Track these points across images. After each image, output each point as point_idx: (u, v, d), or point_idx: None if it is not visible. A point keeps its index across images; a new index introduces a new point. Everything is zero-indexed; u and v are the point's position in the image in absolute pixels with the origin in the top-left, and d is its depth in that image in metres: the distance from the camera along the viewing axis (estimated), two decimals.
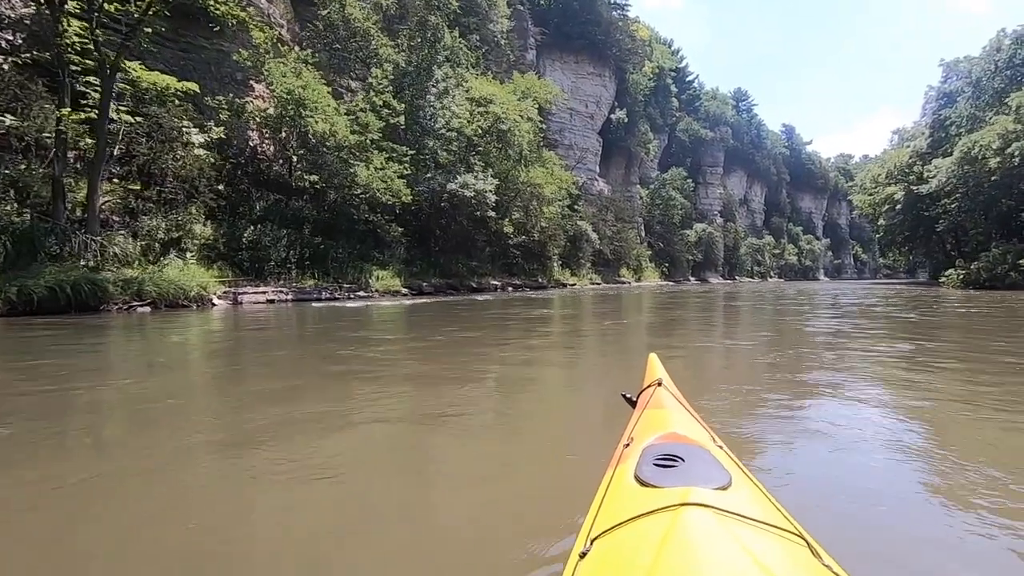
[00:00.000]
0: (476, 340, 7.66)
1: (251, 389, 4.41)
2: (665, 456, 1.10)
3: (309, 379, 4.79)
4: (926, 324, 10.30)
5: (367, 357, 6.02)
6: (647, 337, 8.67)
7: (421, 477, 2.46)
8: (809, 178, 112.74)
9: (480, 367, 5.36)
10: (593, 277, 45.82)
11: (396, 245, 23.07)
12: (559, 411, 3.79)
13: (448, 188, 22.40)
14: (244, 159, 18.25)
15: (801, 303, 18.39)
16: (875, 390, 4.14)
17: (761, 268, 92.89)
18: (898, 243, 59.66)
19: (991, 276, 23.64)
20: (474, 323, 10.57)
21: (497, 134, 27.09)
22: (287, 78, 16.62)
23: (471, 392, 4.10)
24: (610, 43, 56.38)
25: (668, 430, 1.31)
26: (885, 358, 5.78)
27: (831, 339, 7.59)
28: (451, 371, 5.03)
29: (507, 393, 4.23)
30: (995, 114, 30.08)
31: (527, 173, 30.59)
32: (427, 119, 23.49)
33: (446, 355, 6.12)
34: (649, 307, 17.97)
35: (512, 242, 32.60)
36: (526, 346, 6.94)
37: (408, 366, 5.45)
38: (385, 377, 4.75)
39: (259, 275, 16.31)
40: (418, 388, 4.26)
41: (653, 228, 65.29)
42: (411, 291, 21.94)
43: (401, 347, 7.05)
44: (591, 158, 57.51)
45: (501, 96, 26.83)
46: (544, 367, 5.54)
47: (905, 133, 53.89)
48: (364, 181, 18.22)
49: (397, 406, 3.66)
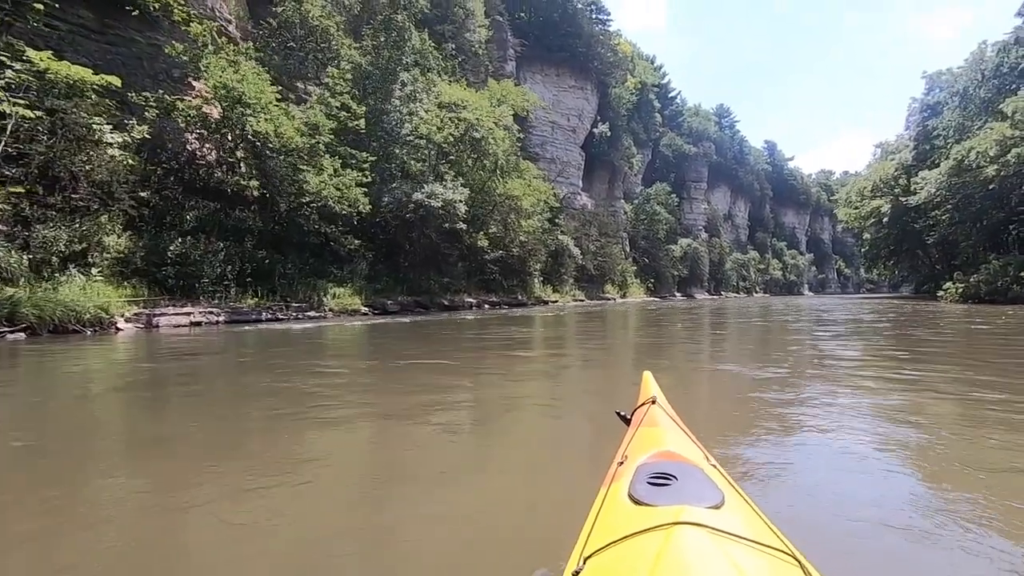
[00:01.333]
0: (441, 368, 6.49)
1: (111, 444, 3.36)
2: (659, 474, 1.09)
3: (207, 425, 3.73)
4: (942, 343, 8.97)
5: (302, 392, 4.88)
6: (635, 364, 7.38)
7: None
8: (792, 193, 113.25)
9: (443, 402, 4.46)
10: (576, 293, 44.16)
11: (358, 260, 21.13)
12: (540, 467, 2.97)
13: (414, 198, 20.60)
14: (179, 164, 16.29)
15: (798, 319, 16.78)
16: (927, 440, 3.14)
17: (747, 283, 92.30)
18: (883, 257, 59.17)
19: (992, 290, 22.35)
20: (441, 346, 9.29)
21: (470, 142, 25.45)
22: (224, 72, 14.78)
23: (432, 438, 3.32)
24: (591, 56, 55.66)
25: (662, 448, 1.31)
26: (927, 396, 4.52)
27: (852, 365, 6.51)
28: (409, 408, 4.15)
29: (479, 444, 3.38)
30: (983, 123, 29.33)
31: (504, 184, 28.97)
32: (392, 125, 21.78)
33: (404, 387, 5.14)
34: (636, 325, 16.36)
35: (489, 257, 30.81)
36: (501, 376, 5.92)
37: (354, 403, 4.49)
38: (323, 419, 3.82)
39: (188, 294, 14.27)
40: (366, 432, 3.55)
41: (638, 243, 64.08)
42: (373, 310, 19.96)
43: (349, 378, 5.91)
44: (574, 172, 56.33)
45: (474, 102, 25.26)
46: (522, 408, 4.45)
47: (888, 146, 53.62)
48: (314, 189, 16.33)
49: (332, 460, 2.90)
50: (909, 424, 3.42)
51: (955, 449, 2.89)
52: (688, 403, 4.06)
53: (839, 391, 4.69)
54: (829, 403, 4.13)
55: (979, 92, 31.76)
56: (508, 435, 3.57)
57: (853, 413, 3.78)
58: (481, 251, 29.97)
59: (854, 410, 3.89)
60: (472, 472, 2.76)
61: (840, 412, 3.80)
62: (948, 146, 32.75)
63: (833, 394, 4.54)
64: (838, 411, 3.83)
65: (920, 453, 2.83)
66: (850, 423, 3.45)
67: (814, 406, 4.03)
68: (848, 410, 3.88)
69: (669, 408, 1.65)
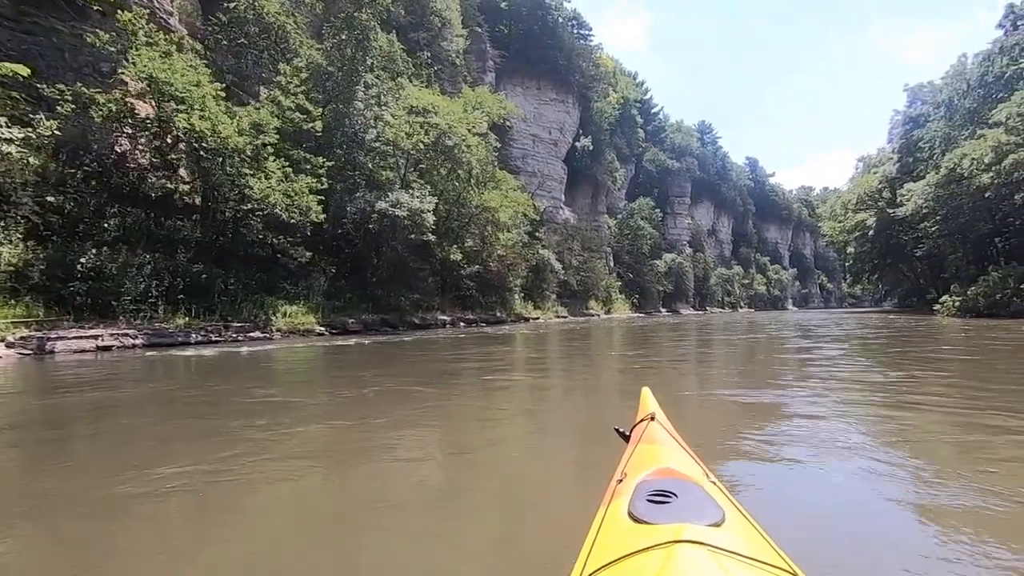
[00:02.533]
0: (403, 397, 5.53)
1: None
2: (658, 492, 1.09)
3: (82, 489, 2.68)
4: (966, 363, 7.56)
5: (225, 437, 3.85)
6: (622, 392, 6.17)
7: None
8: (774, 209, 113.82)
9: (404, 443, 3.64)
10: (559, 310, 42.55)
11: (316, 275, 19.32)
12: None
13: (377, 207, 18.92)
14: (104, 167, 14.44)
15: (793, 334, 15.33)
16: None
17: (731, 298, 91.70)
18: (867, 271, 58.77)
19: (992, 303, 21.22)
20: (402, 372, 8.12)
21: (443, 150, 23.93)
22: (152, 63, 13.05)
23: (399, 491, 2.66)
24: (572, 69, 54.97)
25: (661, 465, 1.29)
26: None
27: (874, 388, 5.60)
28: (364, 454, 3.33)
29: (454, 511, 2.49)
30: (970, 133, 28.72)
31: (480, 196, 27.44)
32: (356, 130, 20.17)
33: (357, 425, 4.24)
34: (622, 343, 14.78)
35: (465, 272, 29.15)
36: (473, 410, 5.01)
37: (284, 454, 3.42)
38: (247, 478, 2.86)
39: (102, 313, 12.33)
40: (308, 493, 2.73)
41: (622, 258, 62.95)
42: (331, 330, 18.09)
43: (291, 414, 4.77)
44: (556, 186, 55.21)
45: (446, 107, 23.81)
46: (497, 459, 3.43)
47: (871, 160, 53.53)
48: (258, 195, 14.55)
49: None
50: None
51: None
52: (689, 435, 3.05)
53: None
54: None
55: (964, 102, 31.27)
56: (485, 505, 2.68)
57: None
58: (456, 265, 28.29)
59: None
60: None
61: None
62: (934, 157, 32.14)
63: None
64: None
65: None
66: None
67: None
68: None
69: (668, 424, 1.62)
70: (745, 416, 4.31)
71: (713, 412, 4.64)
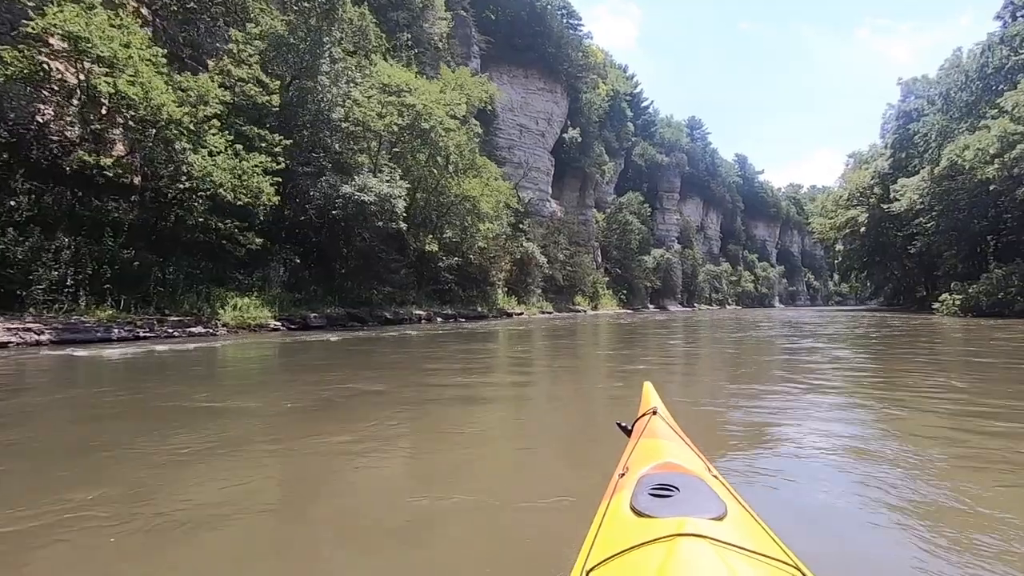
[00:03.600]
0: (366, 403, 4.89)
1: None
2: (661, 486, 1.08)
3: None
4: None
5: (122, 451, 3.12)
6: (613, 401, 5.29)
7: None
8: (762, 206, 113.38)
9: (364, 464, 3.04)
10: (544, 305, 41.16)
11: (275, 265, 17.68)
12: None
13: (342, 192, 17.29)
14: (22, 139, 12.66)
15: (789, 335, 14.05)
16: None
17: (719, 295, 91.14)
18: (856, 268, 58.20)
19: (995, 302, 20.15)
20: (363, 374, 7.08)
21: (418, 134, 22.33)
22: (68, 15, 11.29)
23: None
24: (561, 58, 53.39)
25: (663, 459, 1.29)
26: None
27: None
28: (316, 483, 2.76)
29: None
30: (968, 126, 27.74)
31: (459, 184, 25.88)
32: (322, 107, 18.50)
33: (305, 443, 3.45)
34: (609, 342, 13.47)
35: (443, 264, 27.62)
36: (442, 423, 4.21)
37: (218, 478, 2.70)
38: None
39: (6, 304, 10.65)
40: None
41: (610, 253, 61.73)
42: (289, 324, 16.50)
43: (219, 423, 3.97)
44: (543, 177, 53.71)
45: (422, 88, 22.15)
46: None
47: (861, 156, 52.74)
48: (199, 172, 12.87)
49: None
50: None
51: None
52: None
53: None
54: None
55: (961, 95, 30.30)
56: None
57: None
58: (433, 257, 26.75)
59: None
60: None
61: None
62: (930, 151, 31.20)
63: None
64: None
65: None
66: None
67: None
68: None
69: (670, 419, 1.62)
70: (745, 434, 3.72)
71: (708, 424, 4.00)
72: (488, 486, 2.69)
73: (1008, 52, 27.42)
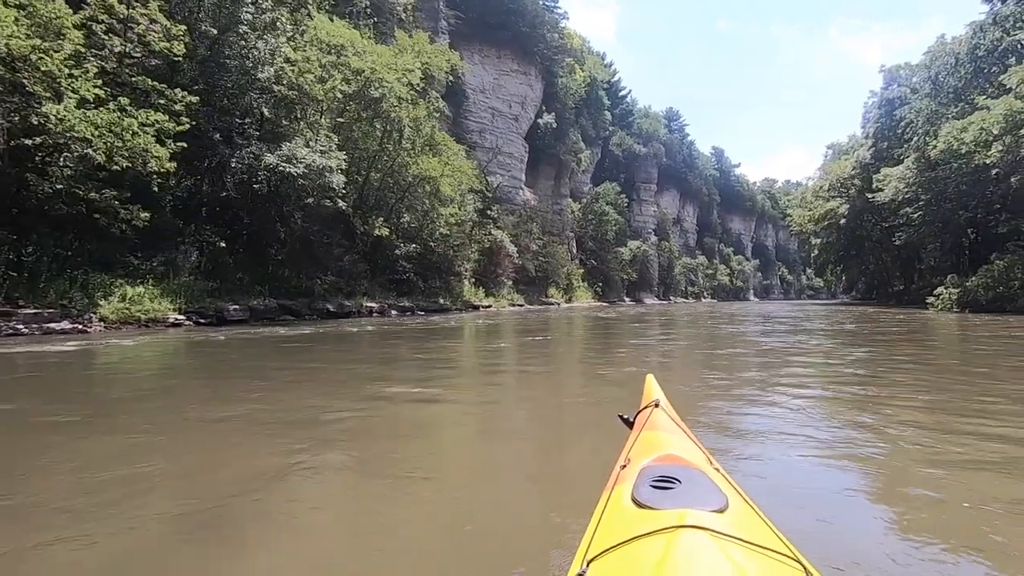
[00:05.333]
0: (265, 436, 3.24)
1: None
2: (662, 478, 1.08)
3: None
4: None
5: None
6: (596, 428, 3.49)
7: None
8: (738, 200, 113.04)
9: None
10: (515, 298, 38.88)
11: (186, 247, 14.95)
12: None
13: (265, 161, 14.62)
14: None
15: (773, 329, 12.02)
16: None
17: (695, 288, 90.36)
18: (832, 262, 57.49)
19: (996, 296, 18.61)
20: (262, 385, 5.23)
21: (367, 103, 19.68)
22: None
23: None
24: (536, 38, 50.83)
25: (665, 451, 1.29)
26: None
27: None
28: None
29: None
30: (959, 111, 26.33)
31: (416, 162, 23.30)
32: (245, 64, 15.72)
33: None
34: (584, 339, 11.27)
35: (400, 252, 25.06)
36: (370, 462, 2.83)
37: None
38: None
39: None
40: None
41: (586, 244, 59.77)
42: (198, 319, 13.83)
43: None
44: (516, 164, 51.25)
45: (369, 49, 19.44)
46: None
47: (840, 147, 51.82)
48: (57, 125, 10.11)
49: None
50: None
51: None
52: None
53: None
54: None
55: (950, 79, 28.92)
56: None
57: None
58: (389, 244, 24.17)
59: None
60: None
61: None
62: (916, 138, 29.81)
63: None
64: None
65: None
66: None
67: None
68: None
69: (672, 411, 1.61)
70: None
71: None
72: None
73: (1001, 34, 26.02)
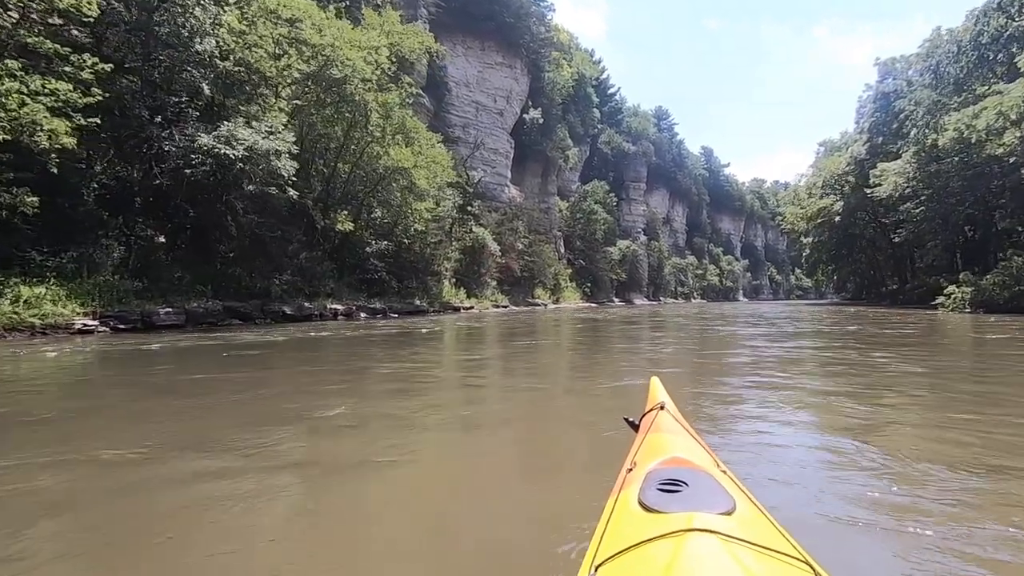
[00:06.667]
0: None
1: None
2: (669, 481, 1.07)
3: None
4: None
5: None
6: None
7: None
8: (728, 200, 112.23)
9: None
10: (499, 298, 37.06)
11: (108, 243, 13.00)
12: None
13: (199, 143, 12.69)
14: None
15: (779, 330, 10.35)
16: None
17: (685, 289, 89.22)
18: (823, 261, 56.44)
19: (1013, 295, 17.16)
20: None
21: (329, 85, 17.81)
22: None
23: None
24: (522, 29, 49.09)
25: (671, 454, 1.28)
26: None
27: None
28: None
29: None
30: (962, 101, 25.06)
31: (387, 153, 21.43)
32: (181, 33, 13.78)
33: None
34: (572, 346, 9.51)
35: (371, 250, 23.18)
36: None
37: None
38: None
39: None
40: None
41: (574, 244, 58.11)
42: (119, 324, 11.89)
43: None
44: (501, 160, 49.46)
45: (329, 24, 17.55)
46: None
47: (833, 144, 50.75)
48: None
49: None
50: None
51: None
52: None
53: None
54: None
55: (952, 68, 27.66)
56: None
57: None
58: (356, 241, 22.29)
59: None
60: None
61: None
62: (917, 130, 28.53)
63: None
64: None
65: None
66: None
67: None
68: None
69: (678, 414, 1.59)
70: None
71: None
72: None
73: (1005, 20, 24.76)
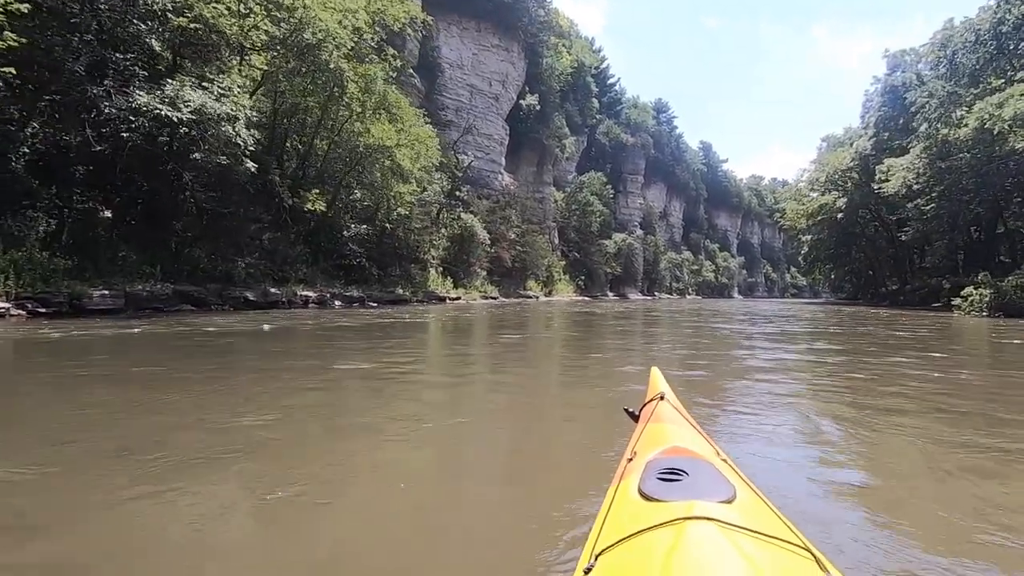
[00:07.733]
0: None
1: None
2: (669, 470, 1.08)
3: None
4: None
5: None
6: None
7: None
8: (725, 196, 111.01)
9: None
10: (488, 289, 35.62)
11: (35, 215, 11.46)
12: None
13: (137, 103, 11.11)
14: None
15: (791, 332, 9.00)
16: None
17: (680, 284, 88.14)
18: (822, 260, 55.39)
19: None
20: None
21: (301, 52, 16.20)
22: None
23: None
24: (519, 11, 47.26)
25: (671, 444, 1.28)
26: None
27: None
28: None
29: None
30: (980, 91, 23.74)
31: (368, 130, 19.85)
32: None
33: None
34: (564, 342, 8.30)
35: (349, 234, 21.65)
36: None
37: None
38: None
39: None
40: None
41: (568, 235, 56.68)
42: (39, 308, 10.39)
43: None
44: (495, 147, 47.80)
45: None
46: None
47: (836, 139, 49.43)
48: None
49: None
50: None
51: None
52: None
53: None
54: None
55: (970, 58, 26.27)
56: None
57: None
58: (333, 224, 20.74)
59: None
60: None
61: None
62: (930, 124, 27.17)
63: None
64: None
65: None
66: None
67: None
68: None
69: (678, 403, 1.59)
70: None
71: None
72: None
73: None
